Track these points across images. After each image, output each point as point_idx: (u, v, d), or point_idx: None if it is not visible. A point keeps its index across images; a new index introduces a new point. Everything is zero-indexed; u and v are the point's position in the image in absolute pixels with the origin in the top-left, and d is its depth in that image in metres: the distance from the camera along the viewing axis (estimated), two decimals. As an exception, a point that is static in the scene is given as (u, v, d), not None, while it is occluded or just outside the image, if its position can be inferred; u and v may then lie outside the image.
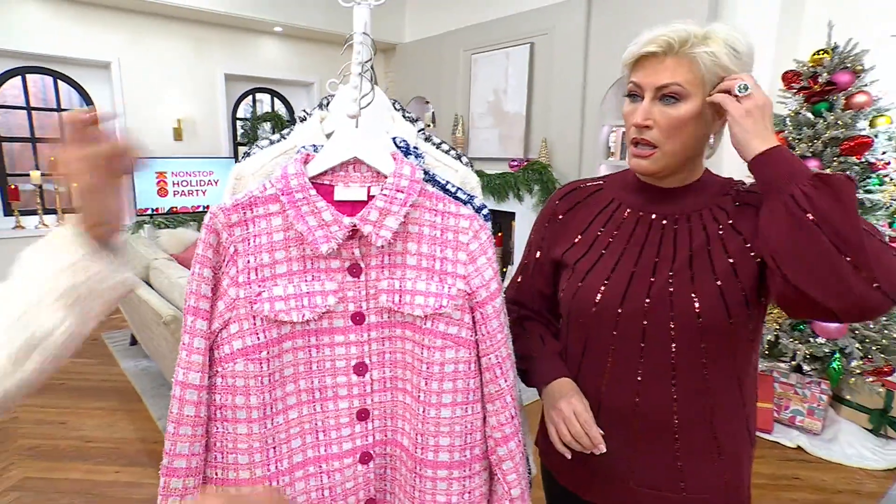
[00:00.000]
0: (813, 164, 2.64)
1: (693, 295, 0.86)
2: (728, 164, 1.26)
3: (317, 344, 0.88)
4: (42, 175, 4.42)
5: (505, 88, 4.86)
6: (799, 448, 2.64)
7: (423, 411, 0.88)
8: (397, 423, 0.94)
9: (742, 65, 0.85)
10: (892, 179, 2.59)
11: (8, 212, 4.43)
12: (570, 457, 0.89)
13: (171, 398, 0.83)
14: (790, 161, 0.77)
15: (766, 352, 2.81)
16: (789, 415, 2.75)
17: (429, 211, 0.86)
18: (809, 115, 2.66)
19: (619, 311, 0.90)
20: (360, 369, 0.90)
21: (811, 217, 0.72)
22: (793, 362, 2.74)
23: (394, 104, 1.02)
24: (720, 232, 0.89)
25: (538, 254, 1.06)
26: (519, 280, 1.10)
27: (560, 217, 1.03)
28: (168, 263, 3.18)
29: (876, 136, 2.56)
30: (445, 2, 5.45)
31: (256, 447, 0.85)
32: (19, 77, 4.40)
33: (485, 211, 0.94)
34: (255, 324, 0.83)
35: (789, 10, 3.15)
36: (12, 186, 4.35)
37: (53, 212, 4.58)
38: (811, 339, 2.64)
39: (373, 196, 0.84)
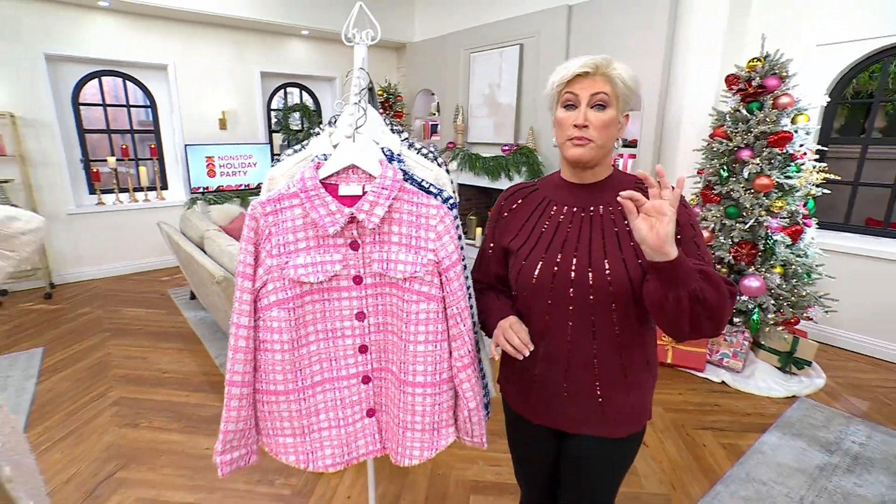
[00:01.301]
0: (746, 154, 2.72)
1: (606, 269, 0.96)
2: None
3: (328, 298, 1.04)
4: (117, 160, 4.56)
5: (499, 83, 4.87)
6: (723, 383, 2.79)
7: (405, 347, 1.04)
8: (388, 355, 1.10)
9: (636, 88, 0.98)
10: (807, 167, 2.66)
11: (92, 190, 4.58)
12: (497, 358, 1.00)
13: (230, 334, 1.01)
14: (688, 262, 0.84)
15: (702, 306, 2.95)
16: (718, 357, 2.90)
17: (406, 202, 1.00)
18: (745, 112, 2.71)
19: (552, 284, 1.00)
20: (360, 316, 1.06)
21: (701, 302, 0.83)
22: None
23: (384, 120, 1.15)
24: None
25: (491, 244, 1.14)
26: (480, 264, 1.19)
27: (505, 214, 1.12)
28: (218, 234, 3.26)
29: (796, 131, 2.60)
30: (449, 7, 5.39)
31: (288, 369, 1.02)
32: (97, 79, 4.48)
33: (451, 201, 1.08)
34: (284, 283, 0.99)
35: (735, 22, 3.14)
36: (94, 170, 4.49)
37: (125, 190, 4.75)
38: (737, 297, 2.77)
39: (366, 192, 0.99)
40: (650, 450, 2.23)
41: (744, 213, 2.70)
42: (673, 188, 0.83)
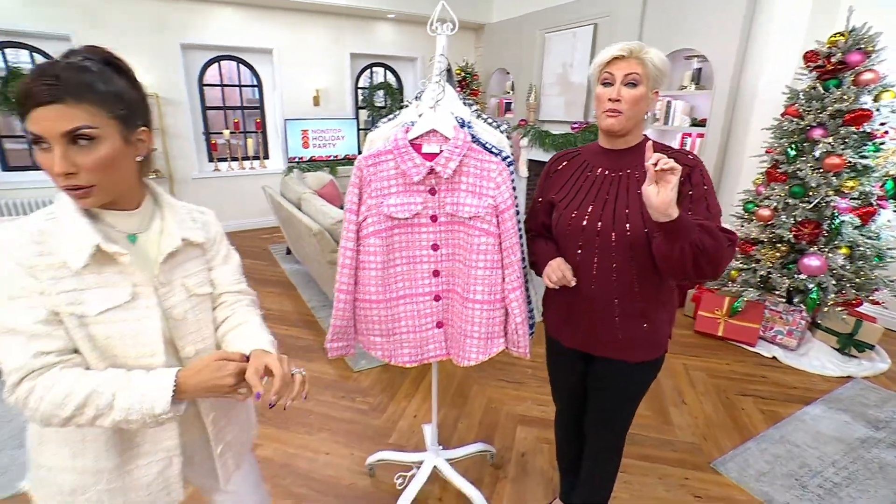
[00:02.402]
0: (818, 133, 2.65)
1: (626, 220, 1.14)
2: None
3: (411, 231, 1.34)
4: (230, 133, 5.24)
5: (571, 62, 4.91)
6: (774, 358, 2.80)
7: (469, 271, 1.32)
8: (455, 279, 1.38)
9: (666, 70, 1.15)
10: (888, 147, 2.53)
11: (210, 159, 5.32)
12: (557, 286, 1.21)
13: (339, 255, 1.35)
14: (688, 219, 1.00)
15: (761, 284, 2.95)
16: (772, 334, 2.90)
17: (473, 159, 1.26)
18: (821, 89, 2.63)
19: (582, 233, 1.19)
20: (435, 247, 1.35)
21: (701, 250, 1.00)
22: (781, 296, 2.86)
23: (459, 96, 1.41)
24: None
25: (540, 198, 1.35)
26: (530, 215, 1.40)
27: (552, 174, 1.33)
28: (313, 196, 3.68)
29: (878, 109, 2.49)
30: (527, -13, 5.47)
31: (380, 283, 1.34)
32: (216, 64, 5.14)
33: (509, 160, 1.33)
34: (380, 218, 1.30)
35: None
36: (213, 142, 5.21)
37: (236, 159, 5.42)
38: (796, 276, 2.75)
39: (442, 150, 1.27)
40: (688, 406, 2.37)
41: (810, 193, 2.66)
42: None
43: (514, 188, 1.31)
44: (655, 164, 0.94)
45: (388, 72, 6.24)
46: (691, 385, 2.56)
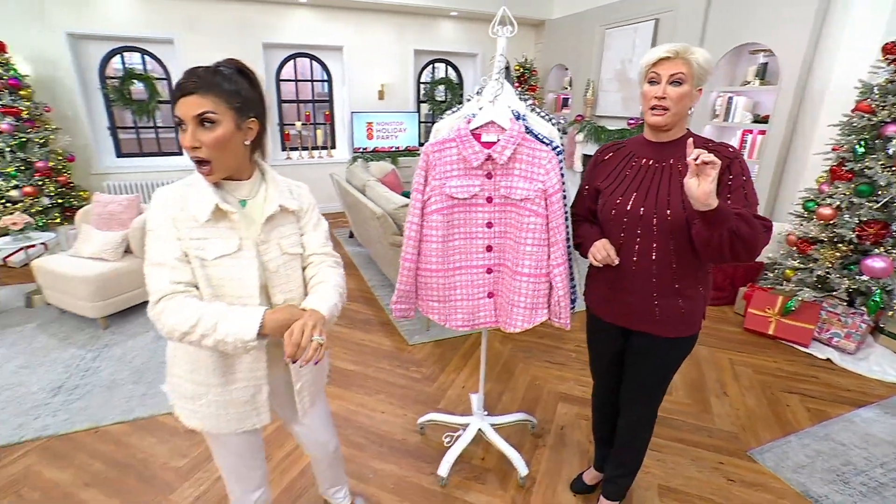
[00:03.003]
0: (893, 129, 2.53)
1: (667, 206, 1.23)
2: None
3: (469, 210, 1.50)
4: (301, 124, 5.64)
5: (630, 58, 4.85)
6: (828, 360, 2.71)
7: (518, 247, 1.46)
8: (506, 254, 1.53)
9: (710, 68, 1.23)
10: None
11: (283, 148, 5.76)
12: (600, 265, 1.33)
13: (405, 229, 1.54)
14: (727, 208, 1.08)
15: (818, 284, 2.85)
16: (828, 336, 2.80)
17: (527, 147, 1.41)
18: (898, 84, 2.51)
19: (626, 217, 1.29)
20: (489, 225, 1.51)
21: (738, 236, 1.09)
22: (842, 298, 2.76)
23: (515, 91, 1.56)
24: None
25: (587, 186, 1.44)
26: (577, 200, 1.49)
27: (599, 163, 1.42)
28: (376, 184, 3.93)
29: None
30: (590, -18, 5.42)
31: (440, 254, 1.51)
32: (292, 60, 5.55)
33: (559, 149, 1.46)
34: (442, 198, 1.47)
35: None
36: (286, 132, 5.63)
37: (306, 148, 5.83)
38: (857, 277, 2.64)
39: (499, 140, 1.42)
40: (729, 398, 2.38)
41: (878, 192, 2.55)
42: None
43: (562, 174, 1.44)
44: (696, 159, 1.03)
45: (449, 67, 6.41)
46: (735, 378, 2.56)
